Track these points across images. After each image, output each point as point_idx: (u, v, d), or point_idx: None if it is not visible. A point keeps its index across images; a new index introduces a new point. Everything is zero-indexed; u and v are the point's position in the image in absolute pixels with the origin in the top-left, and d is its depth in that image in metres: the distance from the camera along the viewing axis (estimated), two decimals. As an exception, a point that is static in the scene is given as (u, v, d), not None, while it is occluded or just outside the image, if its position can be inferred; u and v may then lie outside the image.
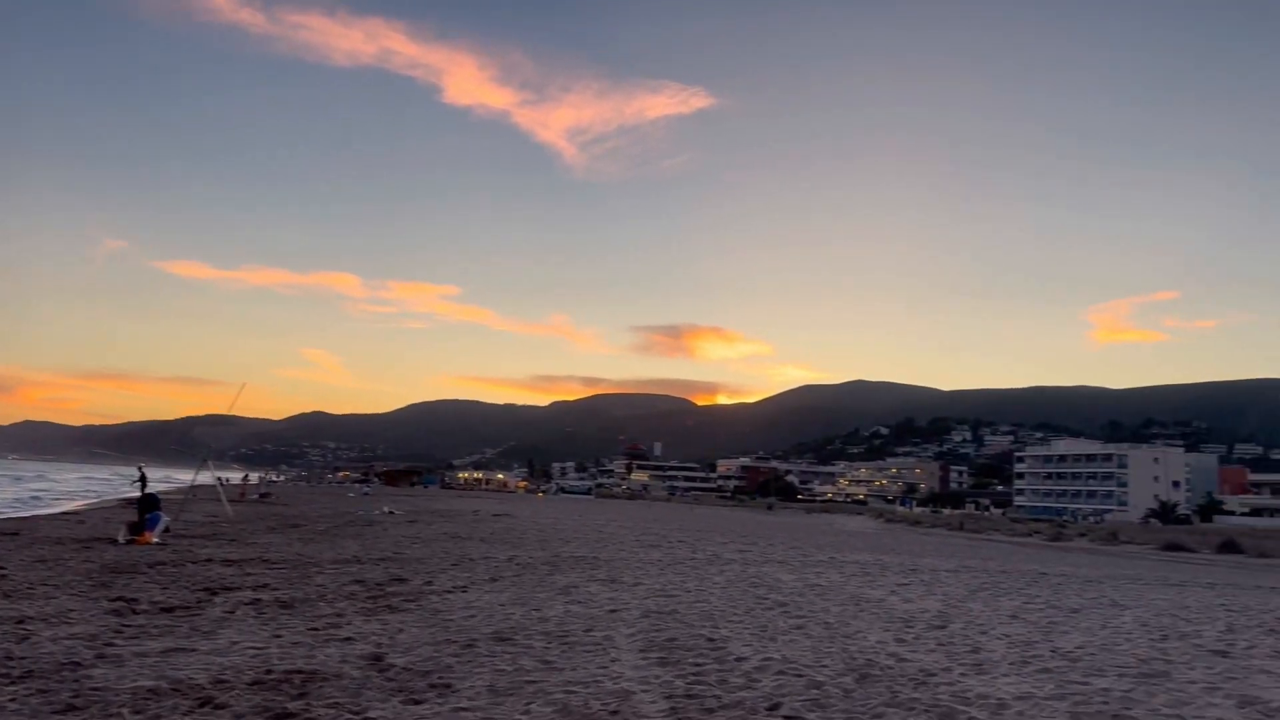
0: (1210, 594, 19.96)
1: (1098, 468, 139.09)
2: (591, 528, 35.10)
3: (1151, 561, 37.55)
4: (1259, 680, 9.11)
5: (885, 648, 10.05)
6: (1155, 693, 8.27)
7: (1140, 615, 14.66)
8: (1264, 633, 13.15)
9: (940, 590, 17.24)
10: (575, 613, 11.60)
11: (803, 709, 7.04)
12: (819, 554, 26.48)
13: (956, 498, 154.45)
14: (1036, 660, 9.73)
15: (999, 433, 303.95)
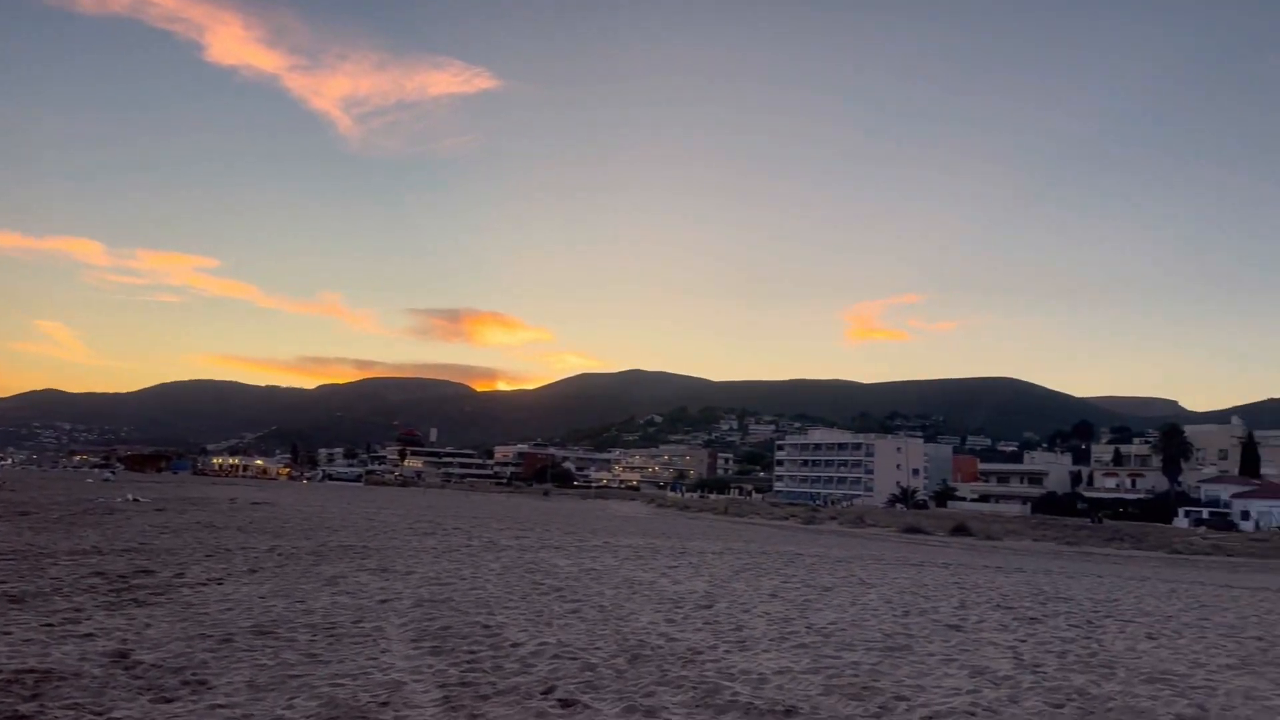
0: (945, 573, 21.94)
1: (848, 456, 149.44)
2: (361, 516, 33.95)
3: (894, 543, 40.81)
4: (988, 652, 10.10)
5: (656, 628, 10.34)
6: (900, 664, 8.97)
7: (885, 593, 15.88)
8: (991, 608, 14.60)
9: (707, 571, 17.95)
10: (343, 603, 11.17)
11: (577, 690, 7.11)
12: (594, 539, 26.88)
13: (723, 483, 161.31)
14: (794, 636, 10.32)
15: (763, 422, 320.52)
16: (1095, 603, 16.22)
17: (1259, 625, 14.00)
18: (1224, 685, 8.68)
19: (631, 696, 7.00)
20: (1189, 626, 13.32)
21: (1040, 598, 16.58)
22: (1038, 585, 19.44)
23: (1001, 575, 22.10)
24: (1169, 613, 15.23)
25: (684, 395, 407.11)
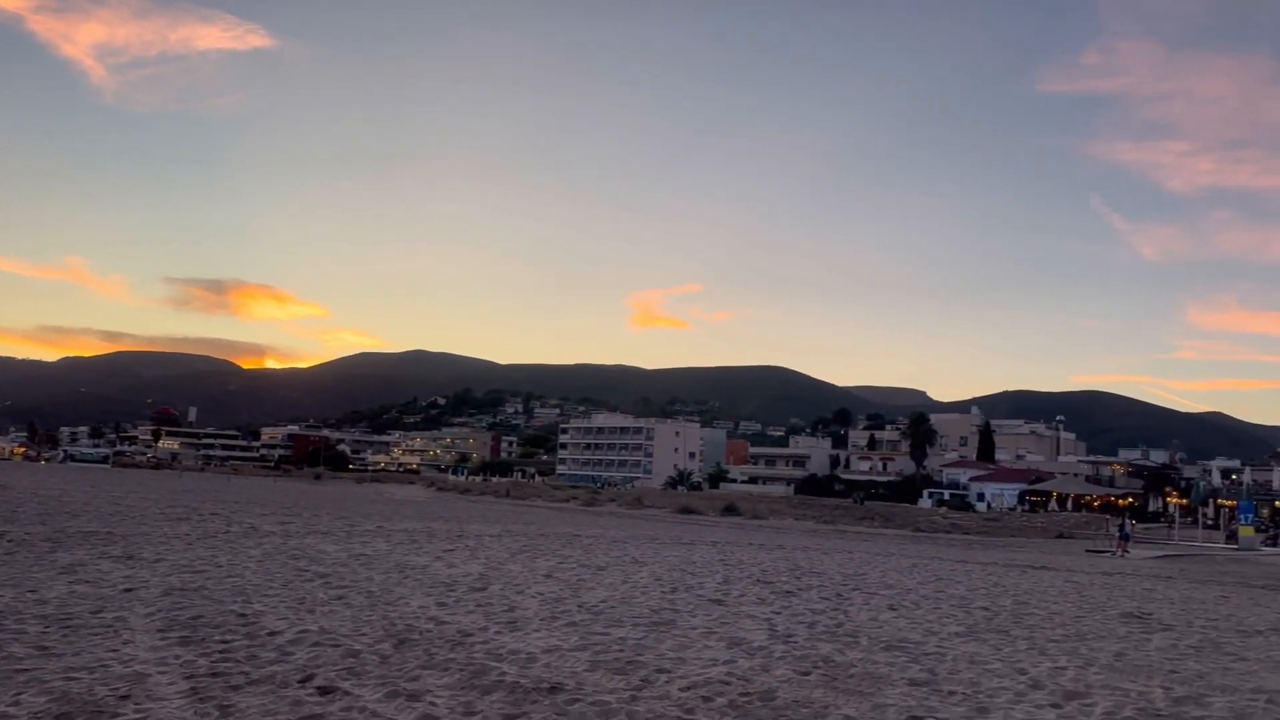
0: (713, 551, 22.90)
1: (629, 439, 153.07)
2: (107, 500, 31.29)
3: (669, 523, 42.16)
4: (745, 624, 10.63)
5: (426, 612, 10.18)
6: (664, 639, 9.29)
7: (656, 571, 16.38)
8: (752, 583, 15.37)
9: (484, 554, 17.85)
10: (81, 593, 10.27)
11: (337, 677, 6.89)
12: (366, 523, 26.09)
13: (506, 466, 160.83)
14: (565, 615, 10.46)
15: (548, 405, 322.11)
16: (845, 577, 17.42)
17: (985, 596, 15.51)
18: (952, 651, 9.56)
19: (395, 681, 6.86)
20: (926, 598, 14.56)
21: (797, 573, 17.62)
22: (795, 561, 20.65)
23: (764, 552, 23.32)
24: (909, 585, 16.58)
25: (469, 377, 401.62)
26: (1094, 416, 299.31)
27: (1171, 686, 8.17)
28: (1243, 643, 11.25)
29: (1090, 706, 7.23)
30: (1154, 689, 8.03)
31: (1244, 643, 11.26)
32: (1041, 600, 15.27)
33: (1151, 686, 8.13)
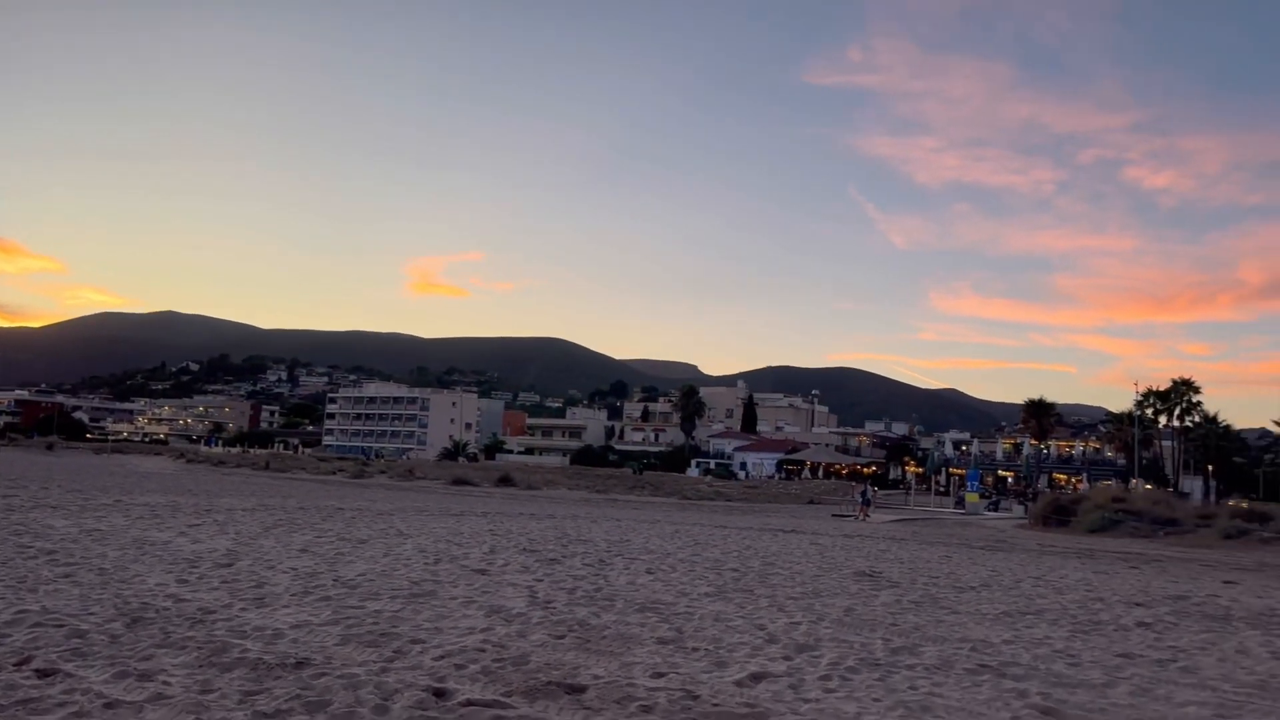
0: (483, 521, 22.84)
1: (403, 409, 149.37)
2: None
3: (441, 495, 41.59)
4: (507, 593, 10.71)
5: (165, 589, 9.57)
6: (422, 610, 9.21)
7: (420, 543, 16.16)
8: (518, 552, 15.48)
9: (233, 529, 16.94)
10: None
11: (59, 659, 6.37)
12: (103, 497, 24.09)
13: (266, 437, 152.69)
14: (319, 590, 10.14)
15: (315, 374, 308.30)
16: (610, 544, 17.90)
17: (737, 559, 16.39)
18: (700, 610, 10.06)
19: (125, 661, 6.43)
20: (683, 562, 15.22)
21: (564, 541, 17.92)
22: (564, 530, 20.98)
23: (534, 522, 23.52)
24: (669, 550, 17.26)
25: (226, 342, 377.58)
26: (846, 391, 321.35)
27: (890, 638, 8.99)
28: (956, 597, 12.54)
29: (818, 658, 7.84)
30: (875, 640, 8.81)
31: (958, 597, 12.54)
32: (787, 561, 16.33)
33: (874, 639, 8.92)
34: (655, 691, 6.34)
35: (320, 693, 5.91)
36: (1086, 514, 33.70)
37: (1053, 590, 13.98)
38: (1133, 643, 9.46)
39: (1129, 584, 15.58)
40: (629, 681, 6.60)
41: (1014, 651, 8.63)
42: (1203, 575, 18.04)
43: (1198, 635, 10.15)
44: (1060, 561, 20.07)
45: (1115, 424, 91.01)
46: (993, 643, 9.05)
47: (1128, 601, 12.92)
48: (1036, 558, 21.02)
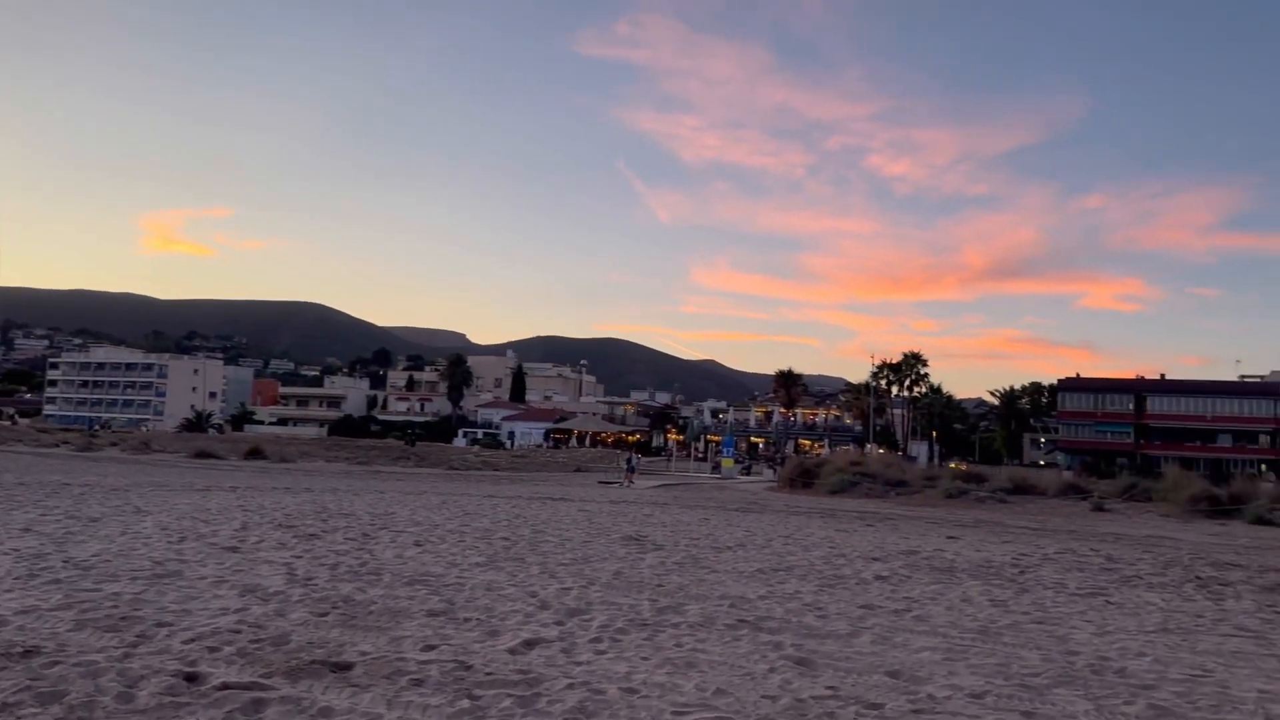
0: (232, 496, 21.47)
1: (138, 377, 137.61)
2: None
3: (183, 469, 38.72)
4: (262, 570, 10.13)
5: None
6: (167, 591, 8.54)
7: (162, 520, 14.97)
8: (273, 528, 14.68)
9: (-63, 509, 15.01)
10: None
11: None
12: None
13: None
14: (47, 572, 9.18)
15: (34, 336, 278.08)
16: (374, 517, 17.36)
17: (507, 528, 16.37)
18: (471, 580, 9.96)
19: None
20: (452, 533, 15.01)
21: (323, 515, 17.19)
22: (323, 504, 20.13)
23: (290, 496, 22.40)
24: (437, 521, 16.97)
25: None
26: (613, 361, 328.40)
27: (657, 599, 9.30)
28: (716, 557, 13.14)
29: (589, 621, 7.98)
30: (642, 602, 9.08)
31: (717, 557, 13.15)
32: (556, 528, 16.49)
33: (641, 600, 9.19)
34: (426, 664, 6.22)
35: (54, 683, 5.35)
36: (828, 477, 36.24)
37: (800, 548, 14.94)
38: (873, 595, 10.29)
39: (867, 541, 16.91)
40: (398, 656, 6.43)
41: (769, 606, 9.16)
42: (929, 531, 19.86)
43: (928, 587, 11.19)
44: (806, 521, 21.48)
45: (854, 394, 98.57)
46: (750, 599, 9.56)
47: (866, 557, 14.03)
48: (785, 518, 22.38)
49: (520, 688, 5.80)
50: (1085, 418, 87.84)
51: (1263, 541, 21.25)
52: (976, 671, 6.85)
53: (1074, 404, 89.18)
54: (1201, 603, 10.89)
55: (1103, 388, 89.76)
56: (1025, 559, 14.89)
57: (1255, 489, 30.65)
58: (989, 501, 31.93)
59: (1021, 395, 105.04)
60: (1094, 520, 26.65)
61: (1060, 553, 16.25)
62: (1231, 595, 11.63)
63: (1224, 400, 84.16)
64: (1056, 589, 11.57)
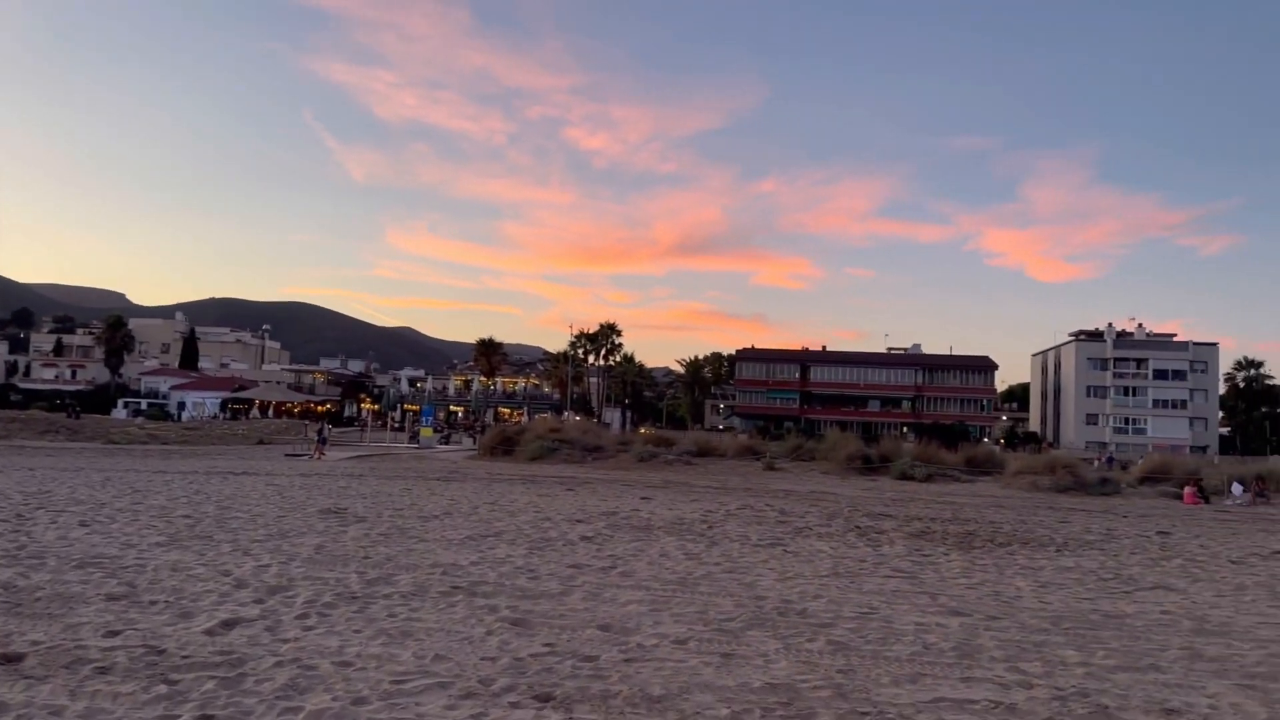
0: None
1: None
2: None
3: None
4: (-115, 558, 8.69)
5: None
6: None
7: None
8: (-107, 510, 12.59)
9: None
10: None
11: None
12: None
13: None
14: None
15: None
16: (27, 495, 15.39)
17: (187, 505, 15.10)
18: (154, 561, 9.14)
19: None
20: (123, 511, 13.64)
21: (-39, 496, 14.99)
22: (-41, 483, 17.53)
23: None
24: (104, 500, 15.32)
25: None
26: (300, 327, 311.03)
27: (365, 571, 9.03)
28: (423, 526, 12.96)
29: (292, 598, 7.60)
30: (350, 575, 8.78)
31: (424, 526, 12.97)
32: (245, 504, 15.47)
33: (348, 573, 8.88)
34: (112, 651, 5.67)
35: None
36: (528, 444, 36.80)
37: (507, 514, 15.10)
38: (580, 555, 10.63)
39: (569, 504, 17.41)
40: (77, 643, 5.80)
41: (481, 571, 9.21)
42: (625, 493, 20.78)
43: (629, 544, 11.73)
44: (509, 488, 21.70)
45: (553, 363, 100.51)
46: (462, 565, 9.55)
47: (571, 520, 14.45)
48: (488, 485, 22.48)
49: (223, 669, 5.44)
50: (759, 385, 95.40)
51: (906, 494, 24.30)
52: (679, 619, 7.31)
53: (749, 373, 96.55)
54: (863, 549, 12.31)
55: (773, 358, 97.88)
56: (712, 515, 16.03)
57: (899, 449, 34.92)
58: (677, 464, 33.95)
59: (704, 365, 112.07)
60: (767, 478, 29.14)
61: (741, 508, 17.65)
62: (886, 541, 13.24)
63: (874, 370, 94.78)
64: (741, 541, 12.56)
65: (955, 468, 31.93)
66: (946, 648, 6.76)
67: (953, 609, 8.29)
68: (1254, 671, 6.40)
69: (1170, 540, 15.33)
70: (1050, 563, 11.82)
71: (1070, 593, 9.50)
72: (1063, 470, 29.13)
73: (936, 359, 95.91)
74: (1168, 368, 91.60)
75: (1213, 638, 7.50)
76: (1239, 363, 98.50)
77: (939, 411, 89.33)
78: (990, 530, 15.55)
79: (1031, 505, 22.30)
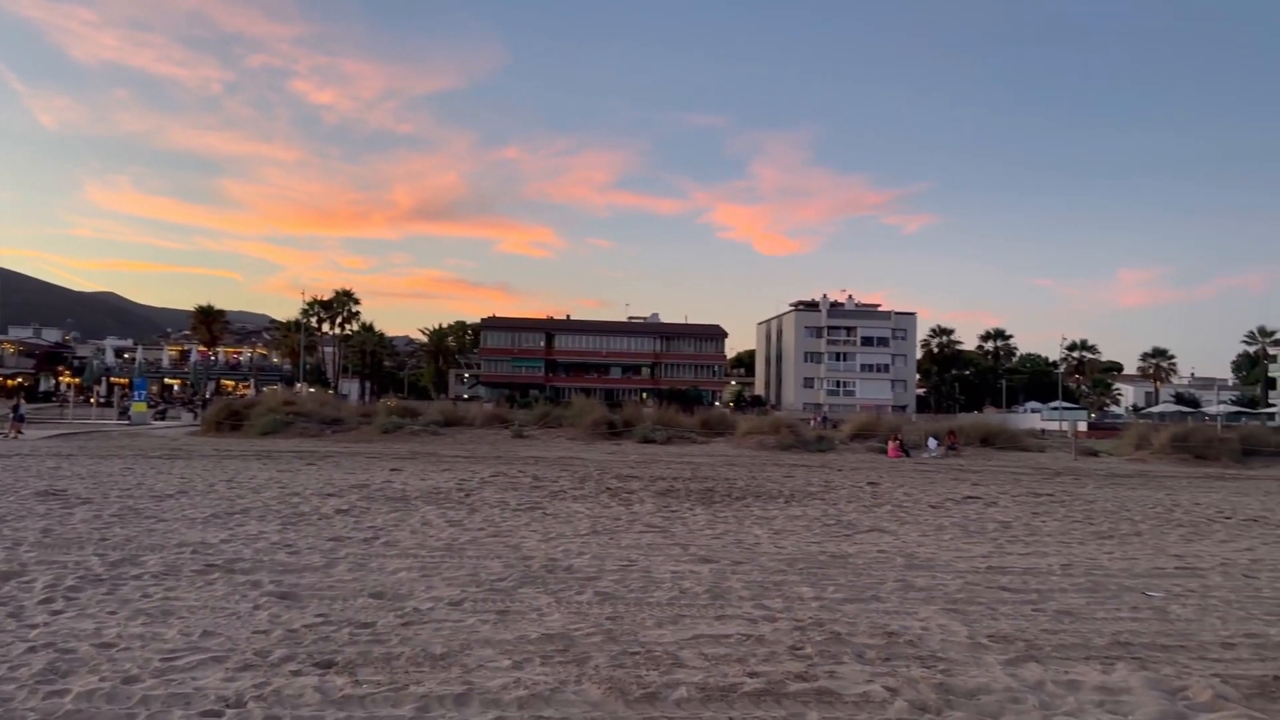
0: None
1: None
2: None
3: None
4: None
5: None
6: None
7: None
8: None
9: None
10: None
11: None
12: None
13: None
14: None
15: None
16: None
17: None
18: None
19: None
20: None
21: None
22: None
23: None
24: None
25: None
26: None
27: (106, 553, 8.47)
28: (158, 506, 12.18)
29: (30, 583, 7.06)
30: (90, 557, 8.22)
31: (159, 506, 12.20)
32: (-60, 490, 13.83)
33: (87, 555, 8.30)
34: None
35: None
36: (259, 418, 34.94)
37: (249, 491, 14.46)
38: (338, 528, 10.48)
39: (314, 478, 16.89)
40: None
41: (235, 549, 8.89)
42: (373, 466, 20.40)
43: (388, 515, 11.67)
44: (244, 464, 20.66)
45: (283, 331, 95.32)
46: (212, 543, 9.17)
47: (321, 494, 14.08)
48: (219, 462, 21.27)
49: (-37, 662, 5.05)
50: (504, 354, 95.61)
51: (649, 456, 25.52)
52: (451, 583, 7.50)
53: (494, 342, 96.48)
54: (616, 508, 12.95)
55: (518, 327, 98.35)
56: (467, 484, 16.17)
57: (641, 414, 36.42)
58: (423, 435, 33.54)
59: (448, 333, 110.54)
60: (516, 446, 29.52)
61: (495, 476, 17.91)
62: (637, 501, 13.99)
63: (616, 338, 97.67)
64: (501, 507, 12.84)
65: (692, 430, 33.77)
66: (700, 591, 7.42)
67: (702, 557, 9.03)
68: (955, 598, 7.52)
69: (879, 489, 17.23)
70: (781, 512, 13.02)
71: (801, 538, 10.58)
72: (785, 430, 31.64)
73: (673, 328, 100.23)
74: (873, 335, 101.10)
75: (920, 571, 8.69)
76: (933, 330, 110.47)
77: (675, 377, 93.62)
78: (727, 486, 16.78)
79: (760, 462, 24.14)
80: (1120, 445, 32.61)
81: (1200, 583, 8.48)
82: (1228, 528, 12.91)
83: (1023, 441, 34.21)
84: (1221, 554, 10.33)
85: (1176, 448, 29.62)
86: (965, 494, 16.68)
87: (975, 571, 8.73)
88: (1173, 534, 12.02)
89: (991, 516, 13.36)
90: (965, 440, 32.23)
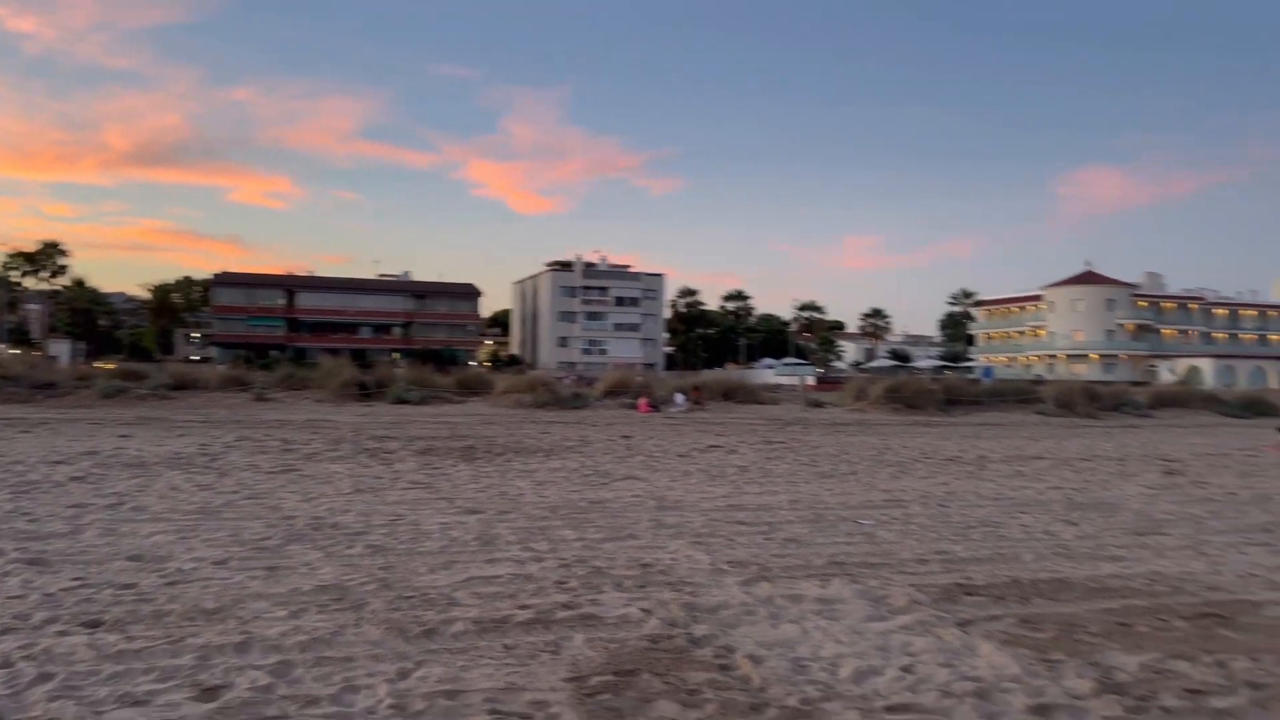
0: None
1: None
2: None
3: None
4: None
5: None
6: None
7: None
8: None
9: None
10: None
11: None
12: None
13: None
14: None
15: None
16: None
17: None
18: None
19: None
20: None
21: None
22: None
23: None
24: None
25: None
26: None
27: None
28: None
29: None
30: None
31: None
32: None
33: None
34: None
35: None
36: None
37: (-41, 461, 13.17)
38: (76, 495, 9.88)
39: (33, 446, 15.57)
40: None
41: (-41, 521, 8.25)
42: (99, 432, 18.95)
43: (129, 481, 11.09)
44: (-54, 434, 18.62)
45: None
46: (-71, 518, 8.44)
47: (47, 461, 13.07)
48: (-85, 433, 19.05)
49: None
50: (239, 312, 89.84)
51: (404, 417, 25.30)
52: (213, 544, 7.42)
53: (227, 299, 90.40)
54: (377, 468, 12.98)
55: (255, 283, 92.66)
56: (209, 448, 15.51)
57: (393, 374, 35.80)
58: (151, 399, 31.28)
59: (174, 290, 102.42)
60: (257, 409, 28.26)
61: (240, 440, 17.24)
62: (398, 460, 14.05)
63: (365, 296, 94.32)
64: (253, 470, 12.52)
65: (448, 390, 33.68)
66: (469, 539, 7.79)
67: (469, 509, 9.38)
68: (700, 532, 8.35)
69: (632, 442, 18.22)
70: (541, 465, 13.57)
71: (561, 488, 11.16)
72: (542, 388, 32.29)
73: (426, 286, 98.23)
74: (625, 295, 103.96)
75: (670, 511, 9.50)
76: (681, 291, 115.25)
77: (429, 337, 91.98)
78: (487, 443, 17.13)
79: (518, 420, 24.64)
80: (842, 397, 35.86)
81: (903, 512, 9.87)
82: (928, 466, 14.86)
83: (759, 395, 36.84)
84: (922, 488, 11.97)
85: (890, 399, 33.00)
86: (709, 444, 17.98)
87: (717, 510, 9.67)
88: (883, 473, 13.70)
89: (731, 462, 14.60)
90: (709, 395, 34.26)
